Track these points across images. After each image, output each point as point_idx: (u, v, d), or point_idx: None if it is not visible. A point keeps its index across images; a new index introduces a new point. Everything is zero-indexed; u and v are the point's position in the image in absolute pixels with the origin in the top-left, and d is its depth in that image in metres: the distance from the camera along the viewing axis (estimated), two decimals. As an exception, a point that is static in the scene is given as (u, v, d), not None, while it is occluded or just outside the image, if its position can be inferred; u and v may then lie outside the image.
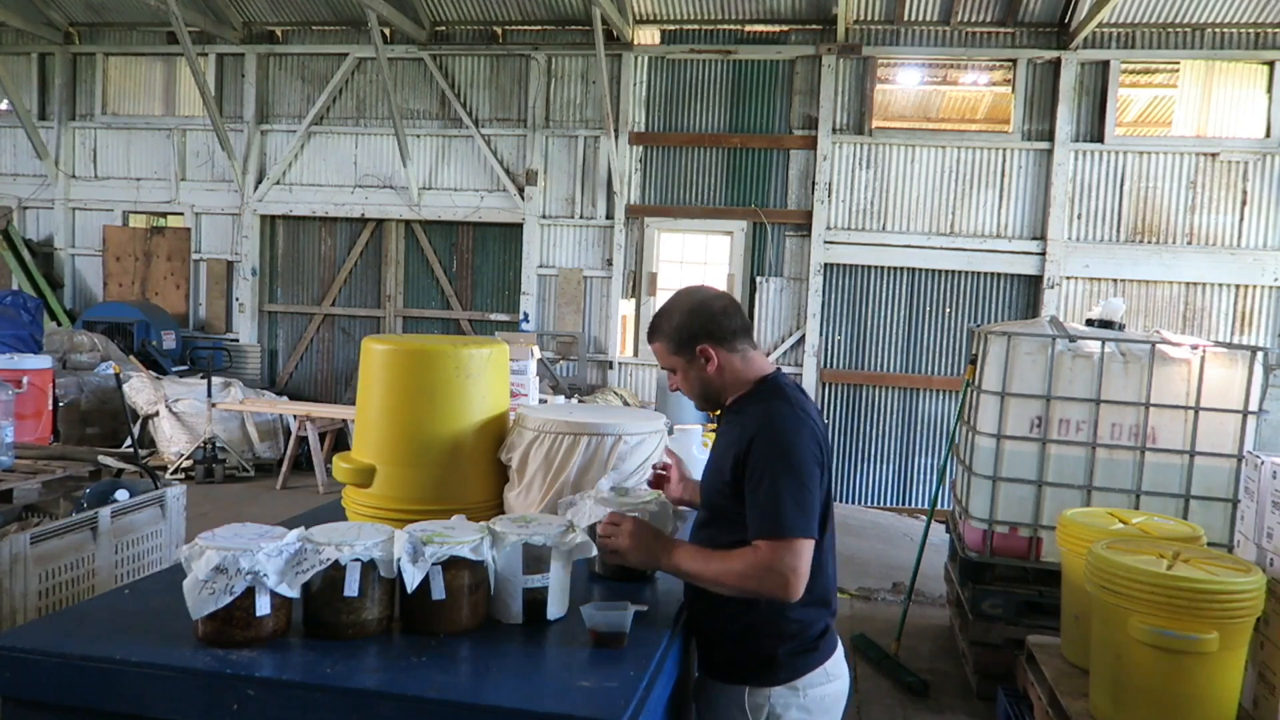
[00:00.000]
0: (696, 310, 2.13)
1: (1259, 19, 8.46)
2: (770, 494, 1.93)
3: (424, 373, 2.48)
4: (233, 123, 10.45)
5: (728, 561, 1.98)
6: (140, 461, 4.32)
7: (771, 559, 1.91)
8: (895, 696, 4.39)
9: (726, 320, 2.12)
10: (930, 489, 9.04)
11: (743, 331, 2.15)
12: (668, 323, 2.15)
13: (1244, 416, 4.08)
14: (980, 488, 4.35)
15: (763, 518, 1.94)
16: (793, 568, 1.91)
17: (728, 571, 1.96)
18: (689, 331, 2.11)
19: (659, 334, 2.17)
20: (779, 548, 1.91)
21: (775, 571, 1.91)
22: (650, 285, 9.78)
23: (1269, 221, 8.65)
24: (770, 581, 1.91)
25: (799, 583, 1.91)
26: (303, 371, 10.85)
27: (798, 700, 2.05)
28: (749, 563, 1.94)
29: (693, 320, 2.11)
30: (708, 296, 2.17)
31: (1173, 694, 2.69)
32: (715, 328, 2.11)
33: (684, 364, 2.14)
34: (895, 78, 9.70)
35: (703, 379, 2.13)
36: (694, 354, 2.11)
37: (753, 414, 2.04)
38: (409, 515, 2.29)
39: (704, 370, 2.12)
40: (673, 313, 2.15)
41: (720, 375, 2.12)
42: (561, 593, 2.01)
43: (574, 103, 9.86)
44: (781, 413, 2.02)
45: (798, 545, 1.91)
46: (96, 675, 1.69)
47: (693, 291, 2.20)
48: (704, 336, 2.10)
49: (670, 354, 2.15)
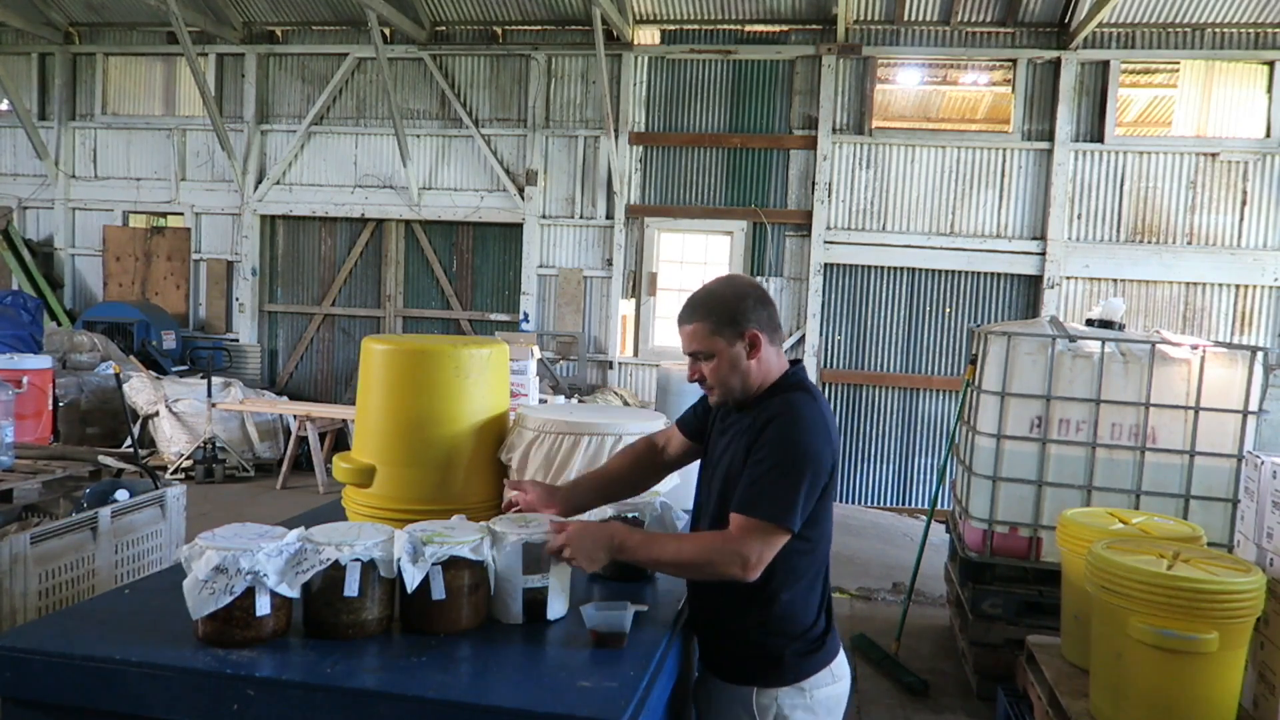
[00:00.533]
0: (749, 294, 2.04)
1: (1259, 19, 8.46)
2: (770, 476, 1.90)
3: (424, 373, 2.48)
4: (233, 123, 10.45)
5: (687, 542, 1.98)
6: (140, 461, 4.32)
7: (742, 539, 1.89)
8: (895, 696, 4.39)
9: (774, 312, 2.08)
10: (930, 489, 9.04)
11: (780, 327, 2.12)
12: (716, 302, 2.03)
13: (1244, 416, 4.08)
14: (980, 488, 4.35)
15: (754, 496, 1.91)
16: (759, 553, 1.88)
17: (688, 552, 1.94)
18: (741, 313, 2.01)
19: (702, 312, 2.03)
20: (756, 529, 1.89)
21: (738, 553, 1.88)
22: (650, 285, 9.78)
23: (1269, 221, 8.65)
24: (731, 562, 1.88)
25: (758, 569, 1.89)
26: (303, 371, 10.85)
27: (804, 701, 2.04)
28: (712, 542, 1.93)
29: (745, 303, 2.02)
30: (754, 284, 2.12)
31: (1173, 694, 2.69)
32: (767, 316, 2.05)
33: (725, 347, 2.02)
34: (895, 78, 9.70)
35: (741, 368, 2.03)
36: (740, 338, 2.01)
37: (776, 402, 2.00)
38: (409, 515, 2.29)
39: (744, 358, 2.02)
40: (720, 294, 2.05)
41: (759, 366, 2.04)
42: (561, 592, 2.01)
43: (574, 103, 9.86)
44: (804, 404, 1.99)
45: (774, 534, 1.90)
46: (96, 675, 1.69)
47: (734, 277, 2.15)
48: (755, 322, 2.02)
49: (710, 335, 2.02)
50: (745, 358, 2.03)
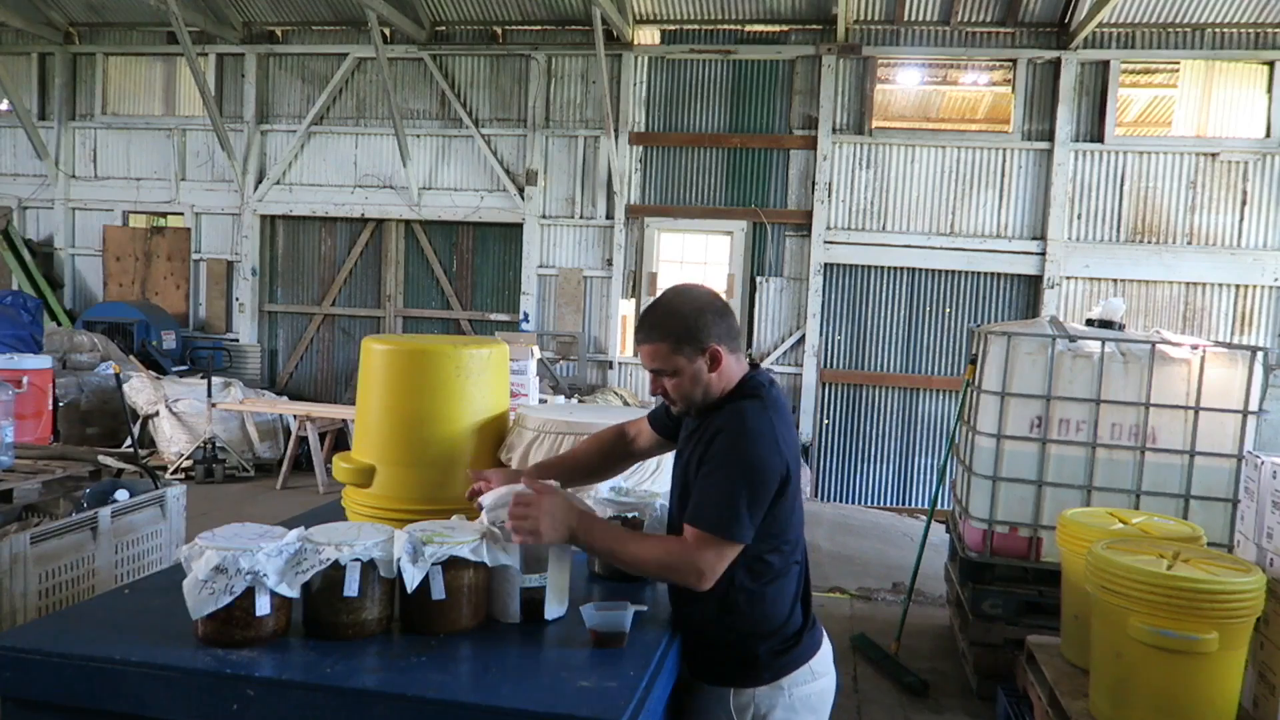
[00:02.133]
0: (708, 309, 2.04)
1: (1259, 19, 8.46)
2: (718, 488, 1.91)
3: (424, 373, 2.48)
4: (233, 123, 10.45)
5: (647, 543, 1.99)
6: (140, 461, 4.32)
7: (696, 550, 1.90)
8: (895, 696, 4.39)
9: (733, 320, 2.08)
10: (930, 489, 9.04)
11: (739, 333, 2.12)
12: (675, 320, 2.02)
13: (1244, 416, 4.08)
14: (980, 488, 4.35)
15: (703, 508, 1.92)
16: (712, 565, 1.90)
17: (647, 553, 1.95)
18: (702, 329, 2.01)
19: (660, 332, 2.03)
20: (707, 541, 1.90)
21: (693, 564, 1.90)
22: (650, 285, 9.78)
23: (1269, 221, 8.65)
24: (686, 572, 1.91)
25: (712, 580, 1.91)
26: (303, 371, 10.85)
27: (783, 699, 2.04)
28: (670, 549, 1.94)
29: (704, 319, 2.02)
30: (710, 294, 2.10)
31: (1173, 694, 2.69)
32: (726, 328, 2.05)
33: (686, 364, 2.02)
34: (895, 78, 9.71)
35: (703, 381, 2.03)
36: (701, 354, 2.01)
37: (726, 411, 2.02)
38: (409, 515, 2.29)
39: (705, 372, 2.02)
40: (679, 310, 2.04)
41: (719, 377, 2.04)
42: (560, 592, 2.00)
43: (574, 103, 9.86)
44: (754, 413, 1.98)
45: (725, 547, 1.91)
46: (96, 675, 1.69)
47: (690, 290, 2.11)
48: (716, 336, 2.02)
49: (671, 353, 2.02)
50: (707, 371, 2.03)
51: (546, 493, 1.96)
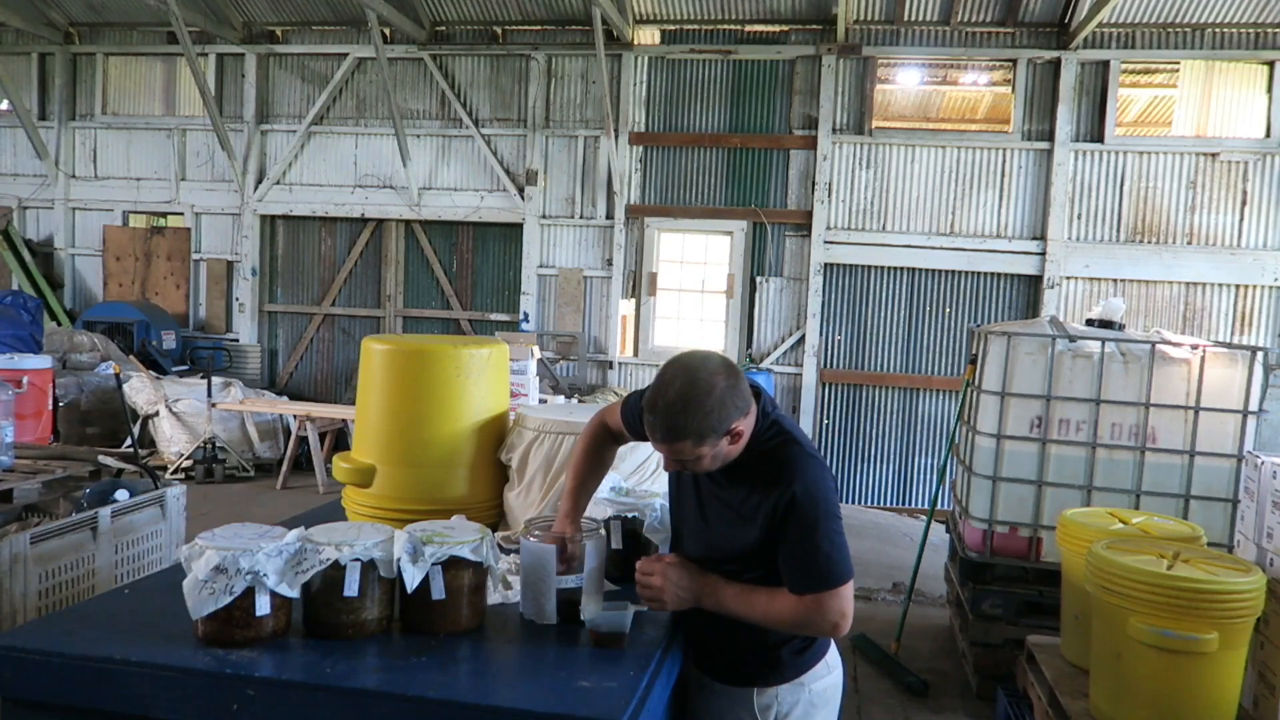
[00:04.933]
0: (725, 393, 1.90)
1: (1259, 19, 8.46)
2: (814, 551, 1.91)
3: (424, 373, 2.48)
4: (233, 123, 10.45)
5: (776, 603, 1.95)
6: (140, 461, 4.32)
7: (824, 608, 1.92)
8: (895, 696, 4.39)
9: (744, 384, 1.96)
10: (930, 489, 9.04)
11: (749, 390, 1.99)
12: (698, 418, 1.88)
13: (1244, 416, 4.08)
14: (980, 488, 4.35)
15: (810, 574, 1.92)
16: (842, 611, 1.93)
17: (778, 614, 1.96)
18: (724, 419, 1.90)
19: (680, 433, 1.89)
20: (829, 597, 1.92)
21: (827, 619, 1.92)
22: (650, 285, 9.78)
23: (1269, 221, 8.65)
24: (821, 625, 1.94)
25: (848, 621, 1.94)
26: (303, 371, 10.85)
27: (804, 695, 2.08)
28: (798, 613, 1.94)
29: (725, 406, 1.89)
30: (719, 368, 1.94)
31: (1173, 694, 2.69)
32: (741, 399, 1.93)
33: (709, 451, 1.93)
34: (895, 78, 9.70)
35: (724, 455, 1.96)
36: (725, 436, 1.93)
37: (775, 463, 1.97)
38: (409, 515, 2.29)
39: (727, 445, 1.95)
40: (697, 403, 1.87)
41: (739, 445, 1.98)
42: (596, 593, 2.01)
43: (574, 103, 9.86)
44: (803, 461, 1.97)
45: (844, 590, 1.93)
46: (96, 675, 1.69)
47: (697, 372, 1.91)
48: (735, 416, 1.92)
49: (695, 448, 1.91)
50: (728, 445, 1.96)
51: (667, 563, 2.01)
